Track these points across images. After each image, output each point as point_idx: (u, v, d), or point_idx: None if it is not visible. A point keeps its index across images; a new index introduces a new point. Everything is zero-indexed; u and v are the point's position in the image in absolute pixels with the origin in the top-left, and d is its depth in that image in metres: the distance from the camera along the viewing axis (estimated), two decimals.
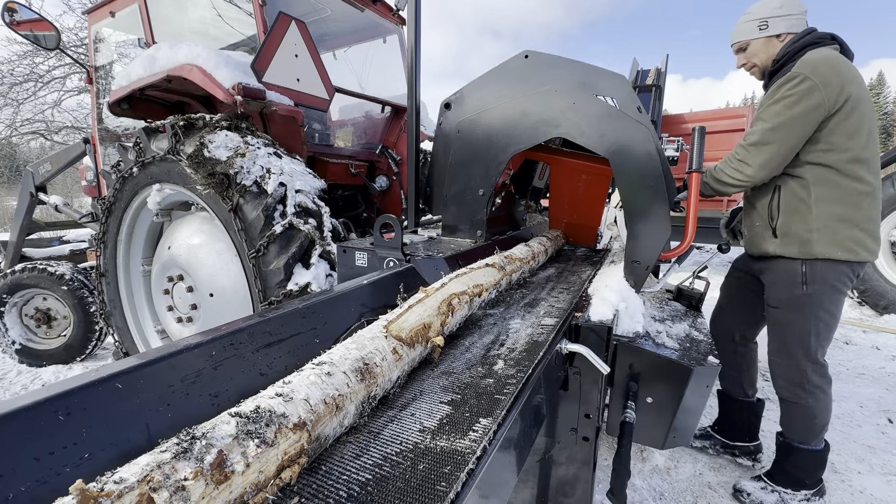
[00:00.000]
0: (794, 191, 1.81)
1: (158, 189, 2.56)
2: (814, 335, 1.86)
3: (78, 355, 3.92)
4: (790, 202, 1.83)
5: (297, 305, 0.88)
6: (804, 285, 1.83)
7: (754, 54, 1.94)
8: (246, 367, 0.70)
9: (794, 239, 1.82)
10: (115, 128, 3.85)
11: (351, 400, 0.64)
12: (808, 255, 1.79)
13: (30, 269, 3.82)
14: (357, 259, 1.64)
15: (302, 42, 2.61)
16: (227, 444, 0.46)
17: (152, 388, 0.59)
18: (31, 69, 10.86)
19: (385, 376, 0.73)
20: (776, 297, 1.93)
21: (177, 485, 0.39)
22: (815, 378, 1.91)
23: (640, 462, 2.36)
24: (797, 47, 1.79)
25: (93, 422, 0.53)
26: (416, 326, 0.85)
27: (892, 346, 4.04)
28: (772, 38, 1.89)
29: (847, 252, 1.76)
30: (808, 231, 1.79)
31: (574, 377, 1.29)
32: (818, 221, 1.76)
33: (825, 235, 1.76)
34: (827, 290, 1.81)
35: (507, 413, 0.77)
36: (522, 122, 1.69)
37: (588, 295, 1.53)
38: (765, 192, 1.92)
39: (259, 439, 0.48)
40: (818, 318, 1.85)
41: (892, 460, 2.39)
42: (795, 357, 1.91)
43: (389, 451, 0.64)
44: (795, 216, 1.81)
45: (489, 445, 0.69)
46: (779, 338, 1.96)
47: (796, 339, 1.89)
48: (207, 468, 0.42)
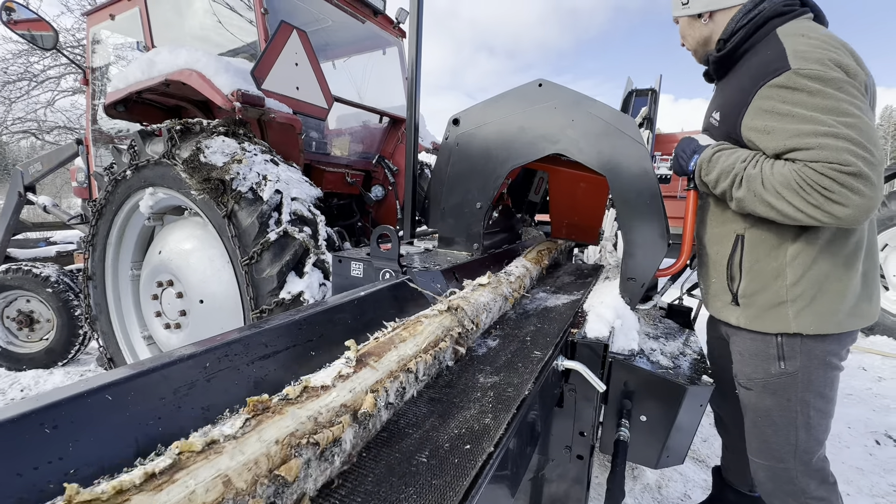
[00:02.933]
0: (764, 241, 1.34)
1: (152, 193, 2.52)
2: (803, 428, 1.36)
3: (60, 360, 3.82)
4: (758, 260, 1.36)
5: (294, 317, 0.86)
6: (781, 361, 1.35)
7: (683, 35, 1.55)
8: (240, 380, 0.69)
9: (763, 311, 1.36)
10: (109, 130, 3.82)
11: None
12: (784, 331, 1.33)
13: (14, 270, 3.73)
14: (353, 269, 1.62)
15: (303, 51, 2.63)
16: None
17: (143, 401, 0.57)
18: (25, 68, 10.78)
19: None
20: (746, 375, 1.45)
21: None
22: (812, 487, 1.40)
23: (632, 481, 2.34)
24: (756, 22, 1.30)
25: (80, 435, 0.51)
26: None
27: (878, 368, 4.09)
28: (693, 17, 1.46)
29: (838, 326, 1.30)
30: (780, 303, 1.32)
31: (569, 394, 1.29)
32: (798, 287, 1.30)
33: (807, 306, 1.29)
34: (816, 368, 1.33)
35: (505, 431, 0.76)
36: (522, 137, 1.70)
37: (584, 311, 1.53)
38: (722, 239, 1.46)
39: None
40: (806, 404, 1.35)
41: (879, 482, 2.40)
42: (784, 460, 1.41)
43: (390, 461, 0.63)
44: (764, 281, 1.35)
45: (488, 462, 0.68)
46: (758, 433, 1.45)
47: (781, 436, 1.40)
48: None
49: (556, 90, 1.65)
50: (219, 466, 0.46)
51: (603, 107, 1.55)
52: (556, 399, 1.26)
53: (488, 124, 1.78)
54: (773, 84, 1.19)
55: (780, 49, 1.20)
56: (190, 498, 0.42)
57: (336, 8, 3.44)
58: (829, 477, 1.43)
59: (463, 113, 1.83)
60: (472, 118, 1.81)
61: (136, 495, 0.40)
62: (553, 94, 1.65)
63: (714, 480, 1.98)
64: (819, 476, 1.41)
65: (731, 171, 1.29)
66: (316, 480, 0.56)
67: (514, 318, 1.46)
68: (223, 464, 0.47)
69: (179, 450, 0.46)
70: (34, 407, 0.49)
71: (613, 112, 1.54)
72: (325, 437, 0.57)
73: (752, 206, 1.26)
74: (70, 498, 0.38)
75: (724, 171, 1.32)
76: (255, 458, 0.49)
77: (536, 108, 1.67)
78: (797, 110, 1.15)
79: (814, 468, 1.40)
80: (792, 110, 1.16)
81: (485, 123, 1.78)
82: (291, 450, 0.53)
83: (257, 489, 0.48)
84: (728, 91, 1.39)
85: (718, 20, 1.41)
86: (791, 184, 1.14)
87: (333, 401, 0.63)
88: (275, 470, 0.50)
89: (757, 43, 1.31)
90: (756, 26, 1.30)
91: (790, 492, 1.42)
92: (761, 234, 1.35)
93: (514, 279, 1.58)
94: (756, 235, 1.36)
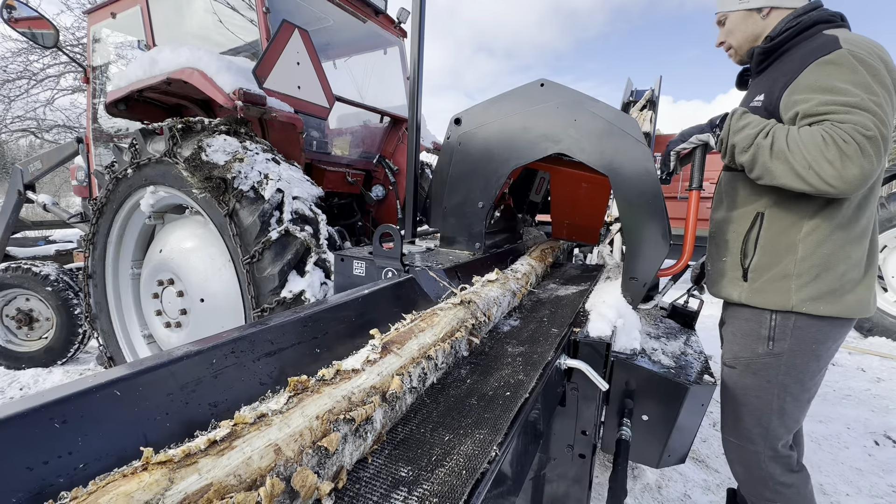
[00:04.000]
0: (782, 218, 1.41)
1: (153, 191, 2.52)
2: (776, 413, 1.43)
3: (59, 358, 3.82)
4: (773, 236, 1.43)
5: (300, 314, 0.86)
6: (770, 341, 1.42)
7: (730, 31, 1.57)
8: (247, 377, 0.69)
9: (768, 283, 1.42)
10: (110, 128, 3.81)
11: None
12: (781, 307, 1.39)
13: (13, 269, 3.72)
14: (355, 268, 1.62)
15: (304, 50, 2.63)
16: None
17: (152, 396, 0.57)
18: (24, 66, 10.75)
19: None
20: (734, 353, 1.53)
21: None
22: (778, 472, 1.47)
23: (632, 480, 2.35)
24: (804, 23, 1.38)
25: (89, 430, 0.51)
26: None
27: (877, 368, 4.10)
28: (752, 11, 1.50)
29: (835, 309, 1.35)
30: (785, 276, 1.39)
31: (572, 393, 1.29)
32: (807, 262, 1.37)
33: (811, 282, 1.36)
34: (801, 354, 1.39)
35: (509, 430, 0.76)
36: (523, 136, 1.71)
37: (586, 311, 1.54)
38: (741, 217, 1.52)
39: None
40: (784, 388, 1.41)
41: (879, 483, 2.40)
42: (753, 441, 1.48)
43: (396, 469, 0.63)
44: (776, 255, 1.42)
45: (490, 464, 0.68)
46: (732, 411, 1.54)
47: (753, 416, 1.47)
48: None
49: (558, 90, 1.65)
50: (269, 437, 0.51)
51: (605, 107, 1.55)
52: (559, 398, 1.26)
53: (490, 124, 1.78)
54: (822, 61, 1.28)
55: (833, 37, 1.30)
56: (247, 462, 0.47)
57: (337, 7, 3.44)
58: (793, 465, 1.50)
59: (465, 112, 1.83)
60: (474, 118, 1.81)
61: (201, 458, 0.46)
62: (555, 94, 1.65)
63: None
64: (784, 463, 1.48)
65: (760, 124, 1.35)
66: (352, 455, 0.61)
67: (529, 306, 1.60)
68: (273, 434, 0.52)
69: (234, 422, 0.52)
70: (43, 401, 0.49)
71: (616, 112, 1.54)
72: (360, 415, 0.63)
73: (768, 160, 1.31)
74: (147, 459, 0.44)
75: (753, 122, 1.37)
76: (300, 431, 0.55)
77: (538, 108, 1.68)
78: (838, 84, 1.24)
79: (780, 454, 1.47)
80: (834, 84, 1.24)
81: (487, 123, 1.79)
82: (330, 425, 0.59)
83: (303, 458, 0.53)
84: (772, 76, 1.45)
85: (772, 18, 1.48)
86: (817, 139, 1.21)
87: (364, 383, 0.69)
88: (317, 441, 0.56)
89: (802, 41, 1.39)
90: (805, 26, 1.39)
91: (759, 477, 1.49)
92: (781, 212, 1.42)
93: (520, 276, 1.59)
94: (775, 213, 1.43)
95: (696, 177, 1.57)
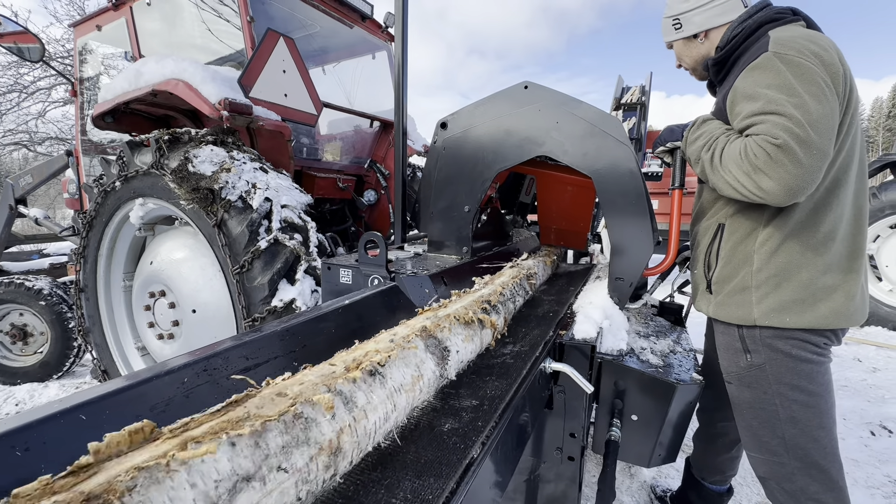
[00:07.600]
0: (739, 229, 1.38)
1: (142, 203, 2.52)
2: (788, 422, 1.34)
3: (55, 373, 3.81)
4: (732, 247, 1.39)
5: (276, 328, 0.86)
6: (747, 353, 1.38)
7: (679, 57, 1.60)
8: (220, 395, 0.68)
9: (729, 297, 1.39)
10: (100, 140, 3.81)
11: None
12: (744, 321, 1.35)
13: (6, 284, 3.71)
14: (342, 276, 1.62)
15: (290, 58, 2.63)
16: None
17: (119, 419, 0.57)
18: (15, 80, 10.73)
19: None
20: (725, 368, 1.50)
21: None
22: (813, 489, 1.33)
23: (629, 478, 2.35)
24: (749, 27, 1.35)
25: (53, 457, 0.50)
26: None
27: (873, 358, 4.11)
28: (689, 38, 1.52)
29: (803, 320, 1.27)
30: (745, 288, 1.35)
31: (559, 396, 1.29)
32: (763, 273, 1.32)
33: (770, 293, 1.31)
34: (780, 360, 1.33)
35: (491, 432, 0.76)
36: (508, 140, 1.71)
37: (572, 312, 1.54)
38: (707, 229, 1.50)
39: None
40: (783, 396, 1.34)
41: (875, 473, 2.41)
42: (777, 454, 1.38)
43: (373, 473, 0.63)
44: (735, 267, 1.38)
45: (472, 465, 0.68)
46: (745, 425, 1.47)
47: (767, 428, 1.39)
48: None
49: (541, 92, 1.65)
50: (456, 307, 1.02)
51: (587, 108, 1.56)
52: (546, 401, 1.26)
53: (475, 127, 1.78)
54: (750, 66, 1.25)
55: (766, 41, 1.27)
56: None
57: (323, 14, 3.44)
58: (836, 481, 1.34)
59: (451, 116, 1.84)
60: (460, 121, 1.81)
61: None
62: (538, 96, 1.65)
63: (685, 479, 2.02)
64: (823, 477, 1.33)
65: (707, 136, 1.35)
66: (497, 322, 1.13)
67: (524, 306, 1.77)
68: (458, 304, 1.04)
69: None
70: (5, 429, 0.49)
71: (598, 113, 1.54)
72: (492, 300, 1.18)
73: (710, 174, 1.32)
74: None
75: (705, 132, 1.37)
76: (468, 305, 1.05)
77: (522, 111, 1.68)
78: (759, 90, 1.20)
79: (815, 467, 1.33)
80: (756, 91, 1.21)
81: (472, 126, 1.79)
82: (478, 306, 1.08)
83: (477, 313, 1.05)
84: (728, 84, 1.42)
85: (713, 37, 1.48)
86: (734, 154, 1.21)
87: (481, 295, 1.17)
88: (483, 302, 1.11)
89: (751, 46, 1.35)
90: (750, 31, 1.35)
91: (790, 491, 1.38)
92: (738, 222, 1.39)
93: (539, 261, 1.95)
94: (734, 224, 1.40)
95: (678, 176, 1.58)
